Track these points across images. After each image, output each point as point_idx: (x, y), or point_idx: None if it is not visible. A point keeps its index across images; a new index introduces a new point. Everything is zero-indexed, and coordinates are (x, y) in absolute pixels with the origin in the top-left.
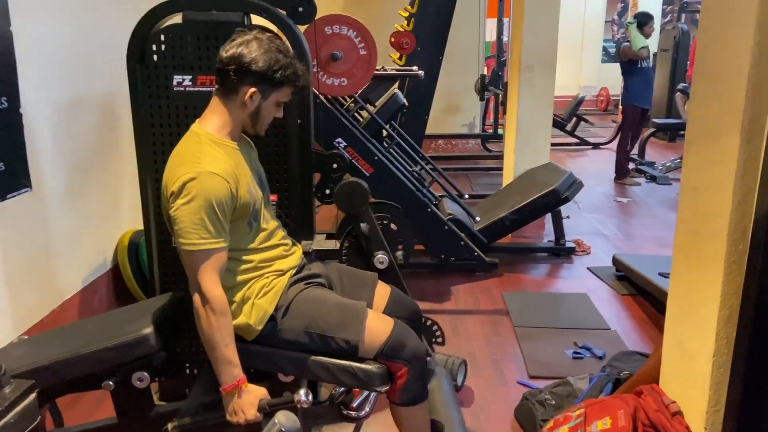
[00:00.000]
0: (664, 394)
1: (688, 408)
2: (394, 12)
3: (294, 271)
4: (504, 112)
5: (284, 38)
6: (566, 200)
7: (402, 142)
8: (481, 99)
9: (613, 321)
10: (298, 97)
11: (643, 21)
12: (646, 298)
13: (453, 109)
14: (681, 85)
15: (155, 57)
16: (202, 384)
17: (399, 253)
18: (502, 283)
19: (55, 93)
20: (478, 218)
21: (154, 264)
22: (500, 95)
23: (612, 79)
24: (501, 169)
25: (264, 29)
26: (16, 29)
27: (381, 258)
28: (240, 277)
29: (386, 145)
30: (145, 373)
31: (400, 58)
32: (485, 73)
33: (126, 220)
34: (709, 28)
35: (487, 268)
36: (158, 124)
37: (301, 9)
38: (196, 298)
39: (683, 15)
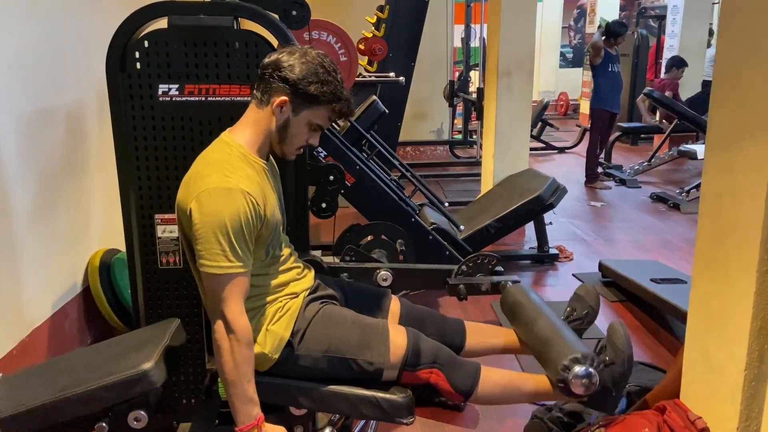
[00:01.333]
0: (689, 410)
1: (716, 424)
2: (359, 19)
3: (307, 292)
4: (477, 118)
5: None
6: (551, 207)
7: (383, 150)
8: (450, 105)
9: (604, 328)
10: None
11: (618, 32)
12: (637, 304)
13: (421, 116)
14: (646, 90)
15: (138, 65)
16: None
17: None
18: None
19: (19, 103)
20: (462, 227)
21: (138, 288)
22: (472, 101)
23: (570, 83)
24: (472, 175)
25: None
26: None
27: (384, 275)
28: (251, 304)
29: (366, 155)
30: (142, 412)
31: (370, 64)
32: (453, 79)
33: (96, 239)
34: (730, 32)
35: None
36: (142, 137)
37: (294, 12)
38: (219, 327)
39: (641, 20)
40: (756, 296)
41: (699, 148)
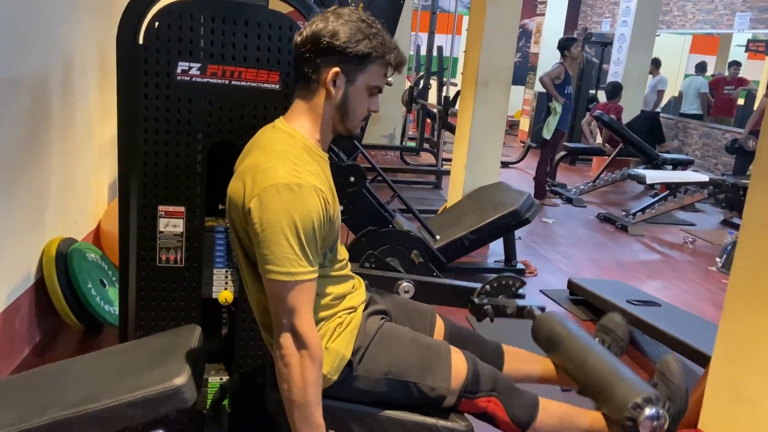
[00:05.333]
0: None
1: None
2: None
3: (364, 306)
4: (441, 126)
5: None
6: (527, 221)
7: (363, 153)
8: (409, 111)
9: None
10: None
11: (567, 45)
12: None
13: (373, 119)
14: (596, 112)
15: (156, 37)
16: None
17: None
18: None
19: None
20: (437, 236)
21: (130, 287)
22: (439, 109)
23: (510, 101)
24: (424, 183)
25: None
26: None
27: (406, 287)
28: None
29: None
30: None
31: None
32: (411, 85)
33: (51, 227)
34: None
35: None
36: (153, 119)
37: None
38: (287, 341)
39: (585, 45)
40: None
41: (648, 173)
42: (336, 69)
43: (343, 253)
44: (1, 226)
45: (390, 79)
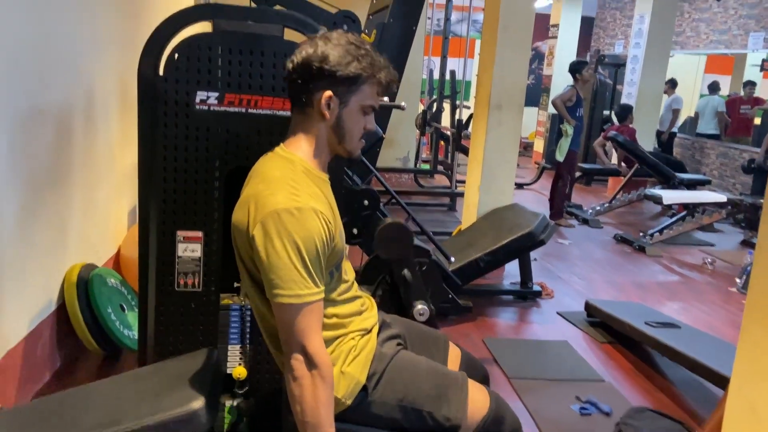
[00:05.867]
0: None
1: None
2: None
3: (377, 329)
4: (455, 149)
5: None
6: (542, 243)
7: (377, 176)
8: (422, 134)
9: (602, 371)
10: None
11: (577, 68)
12: (627, 345)
13: (387, 143)
14: (611, 133)
15: (176, 69)
16: None
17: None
18: (479, 328)
19: (13, 100)
20: (452, 259)
21: (148, 311)
22: (453, 132)
23: (523, 121)
24: (439, 205)
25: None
26: None
27: (421, 309)
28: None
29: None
30: None
31: None
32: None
33: (73, 253)
34: None
35: (462, 312)
36: (172, 147)
37: (345, 27)
38: (298, 363)
39: (599, 67)
40: None
41: (665, 193)
42: (328, 92)
43: (349, 272)
44: (24, 253)
45: (403, 103)
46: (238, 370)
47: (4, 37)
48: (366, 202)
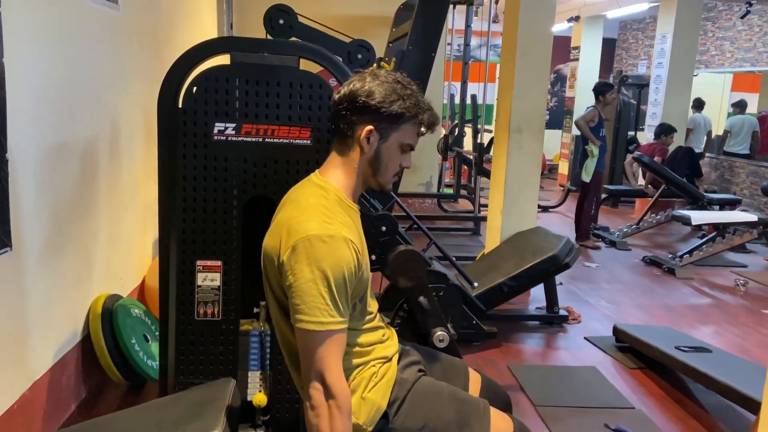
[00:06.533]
0: None
1: None
2: None
3: (398, 357)
4: (477, 173)
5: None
6: (567, 266)
7: (398, 202)
8: (445, 159)
9: (632, 398)
10: None
11: (603, 89)
12: (657, 371)
13: (411, 168)
14: (636, 154)
15: (195, 101)
16: None
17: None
18: (504, 355)
19: (41, 136)
20: (476, 283)
21: (169, 341)
22: (475, 156)
23: (547, 143)
24: (462, 230)
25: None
26: (9, 60)
27: (441, 336)
28: (344, 364)
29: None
30: None
31: None
32: (446, 133)
33: (98, 284)
34: None
35: (486, 338)
36: (191, 177)
37: (359, 56)
38: (316, 392)
39: (622, 88)
40: None
41: (693, 214)
42: (370, 127)
43: (372, 305)
44: (50, 285)
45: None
46: (258, 396)
47: (34, 75)
48: (383, 228)
